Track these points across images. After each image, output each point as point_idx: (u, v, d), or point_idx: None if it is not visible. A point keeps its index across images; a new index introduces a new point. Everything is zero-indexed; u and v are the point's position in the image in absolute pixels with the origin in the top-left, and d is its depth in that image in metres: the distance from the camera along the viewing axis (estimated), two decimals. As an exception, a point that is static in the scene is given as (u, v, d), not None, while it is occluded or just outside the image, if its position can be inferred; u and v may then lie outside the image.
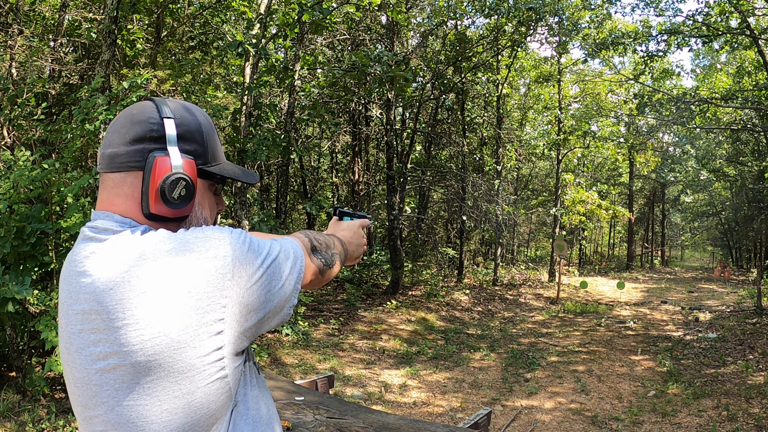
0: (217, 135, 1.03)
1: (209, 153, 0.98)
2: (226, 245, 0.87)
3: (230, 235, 0.89)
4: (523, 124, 20.46)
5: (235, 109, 8.48)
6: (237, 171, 1.03)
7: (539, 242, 27.55)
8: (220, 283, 0.84)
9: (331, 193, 18.47)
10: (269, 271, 0.91)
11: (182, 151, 0.93)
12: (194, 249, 0.85)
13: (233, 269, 0.86)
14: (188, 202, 0.92)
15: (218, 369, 0.85)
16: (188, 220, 0.97)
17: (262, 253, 0.91)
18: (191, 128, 0.96)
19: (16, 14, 7.33)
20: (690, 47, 12.21)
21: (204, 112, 1.02)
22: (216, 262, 0.85)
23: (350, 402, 3.10)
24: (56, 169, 4.83)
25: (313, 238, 1.16)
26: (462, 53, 11.62)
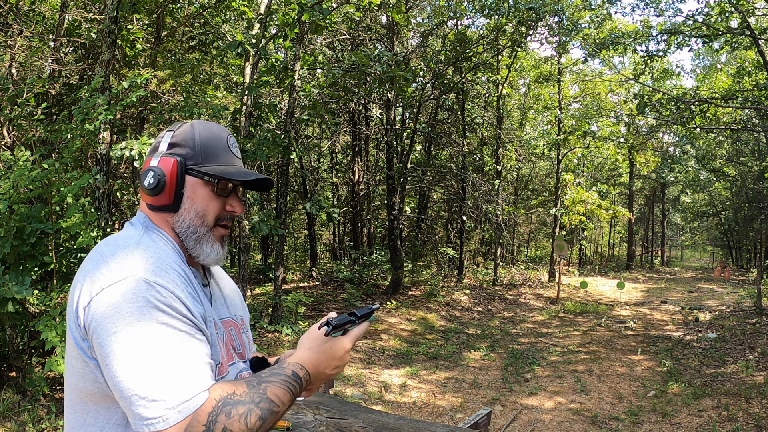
0: (227, 144, 1.17)
1: (200, 155, 1.13)
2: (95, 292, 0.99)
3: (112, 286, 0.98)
4: (523, 124, 20.46)
5: (235, 109, 8.48)
6: (231, 170, 1.13)
7: (539, 242, 27.54)
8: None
9: (331, 193, 18.47)
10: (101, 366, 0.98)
11: (173, 154, 1.12)
12: (90, 263, 1.03)
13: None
14: (159, 190, 1.10)
15: (84, 352, 0.99)
16: (179, 212, 1.12)
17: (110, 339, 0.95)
18: (186, 137, 1.14)
19: (16, 14, 7.34)
20: (690, 47, 12.21)
21: (214, 127, 1.18)
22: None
23: (350, 402, 3.10)
24: (56, 169, 4.83)
25: (227, 428, 0.94)
26: (462, 53, 11.62)
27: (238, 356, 1.20)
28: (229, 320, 1.24)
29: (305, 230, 17.18)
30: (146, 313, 0.94)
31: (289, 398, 1.02)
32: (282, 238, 8.77)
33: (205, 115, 6.42)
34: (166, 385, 0.91)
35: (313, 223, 15.48)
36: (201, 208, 1.13)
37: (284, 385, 1.03)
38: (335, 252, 17.87)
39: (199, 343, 1.00)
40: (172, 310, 0.97)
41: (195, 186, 1.13)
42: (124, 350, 0.92)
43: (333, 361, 1.10)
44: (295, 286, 12.43)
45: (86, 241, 4.63)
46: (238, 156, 1.20)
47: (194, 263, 1.18)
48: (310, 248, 15.67)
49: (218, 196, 1.14)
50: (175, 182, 1.11)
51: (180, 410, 0.91)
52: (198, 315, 1.03)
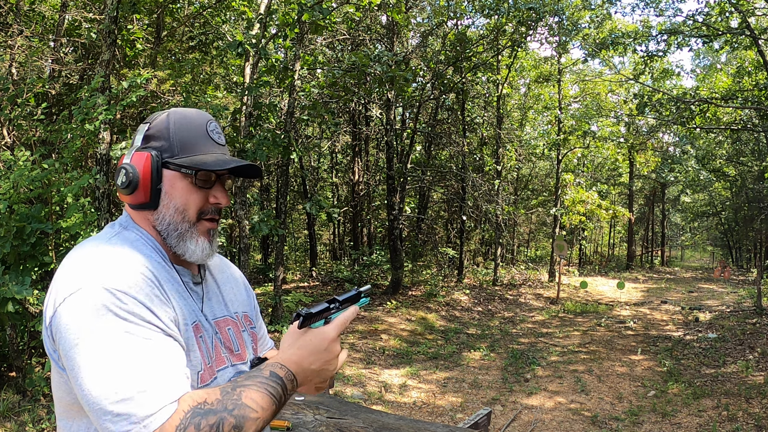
0: (207, 131, 1.10)
1: (177, 146, 1.06)
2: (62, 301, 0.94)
3: (72, 297, 0.92)
4: (523, 124, 20.46)
5: (235, 109, 8.48)
6: (209, 159, 1.06)
7: (539, 242, 27.54)
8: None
9: (331, 193, 18.48)
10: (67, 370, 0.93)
11: (148, 148, 1.07)
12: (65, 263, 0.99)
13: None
14: (133, 187, 1.05)
15: (56, 362, 0.97)
16: (158, 209, 1.07)
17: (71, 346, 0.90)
18: (161, 128, 1.08)
19: (16, 14, 7.34)
20: (690, 47, 12.22)
21: (191, 113, 1.10)
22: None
23: (350, 402, 3.10)
24: (56, 169, 4.84)
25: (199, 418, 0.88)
26: (462, 53, 11.62)
27: (236, 358, 1.14)
28: (226, 319, 1.17)
29: (305, 230, 17.18)
30: (107, 323, 0.89)
31: (269, 402, 0.94)
32: (282, 238, 8.77)
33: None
34: (131, 399, 0.86)
35: (313, 223, 15.48)
36: (181, 203, 1.06)
37: (261, 388, 0.94)
38: (335, 252, 17.87)
39: (167, 349, 0.92)
40: (135, 317, 0.91)
41: (173, 180, 1.06)
42: (87, 362, 0.87)
43: (318, 354, 1.00)
44: (295, 286, 12.43)
45: (86, 241, 4.62)
46: (220, 142, 1.11)
47: (184, 261, 1.11)
48: (310, 248, 15.68)
49: (199, 189, 1.07)
50: (150, 178, 1.04)
51: (146, 425, 0.85)
52: (168, 319, 0.96)
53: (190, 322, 1.04)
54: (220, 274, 1.25)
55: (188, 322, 1.03)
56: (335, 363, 1.03)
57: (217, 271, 1.24)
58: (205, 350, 1.06)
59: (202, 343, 1.05)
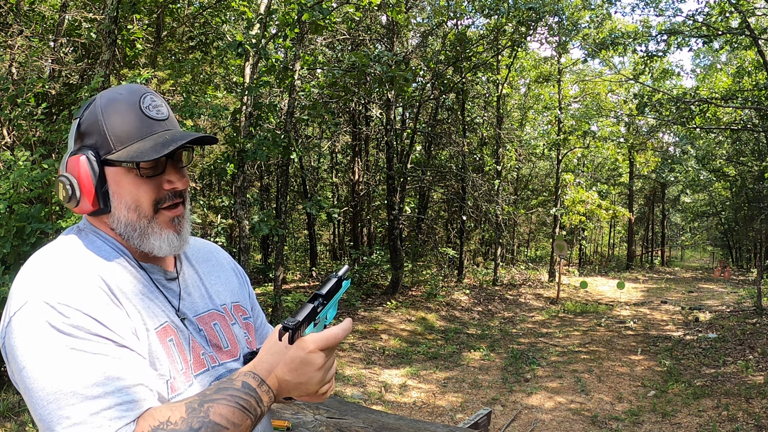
0: (140, 108, 0.96)
1: (111, 139, 0.94)
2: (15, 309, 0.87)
3: (25, 308, 0.85)
4: (523, 124, 20.46)
5: (235, 109, 8.48)
6: (146, 147, 0.93)
7: (539, 242, 27.54)
8: None
9: (331, 193, 18.48)
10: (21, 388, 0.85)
11: (84, 147, 0.95)
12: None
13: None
14: (78, 200, 0.94)
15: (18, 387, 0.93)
16: (112, 211, 0.96)
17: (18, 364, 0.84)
18: (90, 121, 0.95)
19: (16, 14, 7.34)
20: (690, 47, 12.22)
21: (118, 92, 0.97)
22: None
23: (350, 402, 3.10)
24: (56, 169, 4.84)
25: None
26: (462, 53, 11.62)
27: (225, 355, 1.04)
28: (212, 313, 1.07)
29: (305, 230, 17.18)
30: (50, 341, 0.81)
31: (241, 416, 0.84)
32: (282, 238, 8.77)
33: (205, 114, 6.41)
34: (84, 423, 0.78)
35: (313, 223, 15.48)
36: (131, 200, 0.95)
37: (232, 402, 0.84)
38: (335, 252, 17.87)
39: (120, 363, 0.83)
40: (81, 331, 0.82)
41: (117, 177, 0.94)
42: (35, 386, 0.80)
43: (293, 365, 0.88)
44: (295, 286, 12.43)
45: (86, 241, 4.62)
46: (160, 117, 0.97)
47: (157, 258, 1.02)
48: (310, 248, 15.68)
49: (148, 179, 0.95)
50: (92, 183, 0.93)
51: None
52: (122, 328, 0.87)
53: (155, 327, 0.94)
54: (203, 264, 1.14)
55: (150, 327, 0.93)
56: (317, 375, 0.89)
57: (199, 261, 1.13)
58: (177, 355, 0.95)
59: (172, 347, 0.95)
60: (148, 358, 0.90)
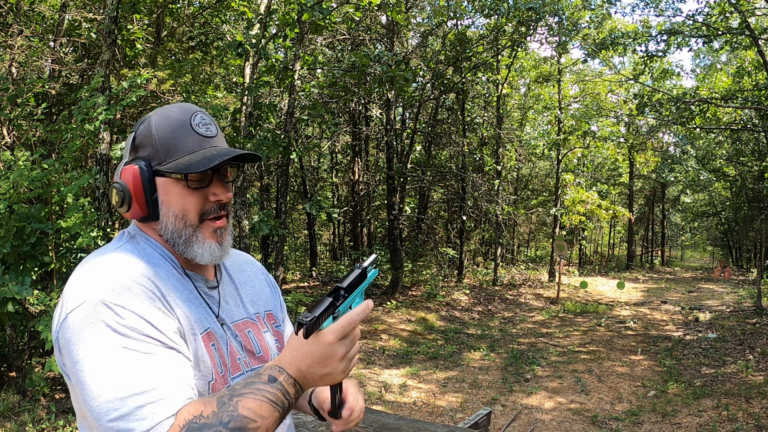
0: (191, 125, 1.04)
1: (162, 152, 1.02)
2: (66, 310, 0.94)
3: (77, 308, 0.92)
4: (523, 124, 20.46)
5: (235, 109, 8.48)
6: (195, 160, 1.01)
7: (539, 242, 27.54)
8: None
9: (331, 193, 18.48)
10: (73, 381, 0.92)
11: (138, 159, 1.04)
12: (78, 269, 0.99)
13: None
14: (128, 205, 1.03)
15: (70, 381, 0.97)
16: (160, 219, 1.04)
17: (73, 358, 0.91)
18: (144, 134, 1.04)
19: (16, 14, 7.34)
20: (690, 47, 12.22)
21: (171, 110, 1.05)
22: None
23: (350, 402, 3.10)
24: (56, 169, 4.84)
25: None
26: (462, 53, 11.62)
27: (257, 360, 1.11)
28: (246, 321, 1.14)
29: (305, 230, 17.18)
30: (105, 339, 0.88)
31: (269, 409, 0.88)
32: (282, 238, 8.77)
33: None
34: (129, 415, 0.85)
35: (313, 223, 15.48)
36: (179, 209, 1.03)
37: (259, 396, 0.88)
38: (335, 252, 17.87)
39: (167, 363, 0.90)
40: (134, 332, 0.89)
41: (167, 187, 1.03)
42: (88, 379, 0.87)
43: (315, 358, 0.91)
44: (295, 286, 12.43)
45: (86, 241, 4.63)
46: (208, 135, 1.05)
47: (200, 267, 1.10)
48: (310, 248, 15.68)
49: (195, 190, 1.03)
50: (143, 191, 1.01)
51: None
52: (170, 331, 0.94)
53: (200, 331, 1.02)
54: (239, 274, 1.22)
55: (197, 331, 1.01)
56: (341, 366, 0.92)
57: (236, 272, 1.22)
58: (218, 359, 1.03)
59: (214, 352, 1.03)
60: (193, 360, 0.98)
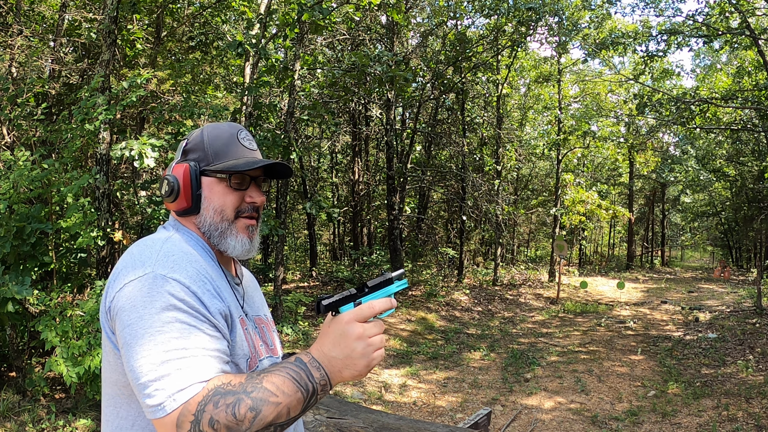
0: (238, 138, 1.21)
1: (211, 155, 1.18)
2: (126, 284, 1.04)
3: (135, 281, 1.02)
4: (523, 124, 20.46)
5: (235, 109, 8.47)
6: (240, 163, 1.17)
7: (539, 242, 27.54)
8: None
9: (331, 193, 18.47)
10: (122, 342, 1.01)
11: (187, 160, 1.19)
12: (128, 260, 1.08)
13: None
14: (175, 195, 1.17)
15: (113, 342, 1.06)
16: (200, 212, 1.18)
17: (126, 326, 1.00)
18: (196, 141, 1.21)
19: (16, 14, 7.34)
20: (690, 47, 12.21)
21: (223, 125, 1.23)
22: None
23: (350, 402, 3.10)
24: (56, 169, 4.84)
25: (213, 419, 0.93)
26: (462, 53, 11.61)
27: (270, 351, 1.25)
28: (260, 318, 1.30)
29: (305, 230, 17.18)
30: (158, 306, 0.98)
31: (292, 387, 0.96)
32: (282, 238, 8.77)
33: (206, 115, 6.43)
34: (168, 375, 0.95)
35: (313, 223, 15.48)
36: (218, 205, 1.17)
37: (284, 373, 0.98)
38: (335, 252, 17.87)
39: (208, 337, 1.00)
40: (184, 304, 1.00)
41: (211, 185, 1.18)
42: (136, 341, 0.97)
43: (336, 339, 0.99)
44: (295, 286, 12.43)
45: (86, 241, 4.63)
46: (251, 147, 1.22)
47: (227, 264, 1.24)
48: (310, 248, 15.68)
49: (235, 191, 1.18)
50: (190, 185, 1.16)
51: (175, 399, 0.94)
52: (216, 311, 1.05)
53: (237, 316, 1.15)
54: (250, 281, 1.39)
55: (236, 316, 1.14)
56: (358, 346, 0.99)
57: (248, 279, 1.39)
58: (251, 341, 1.17)
59: (248, 335, 1.17)
60: (235, 340, 1.10)
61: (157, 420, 0.95)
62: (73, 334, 4.24)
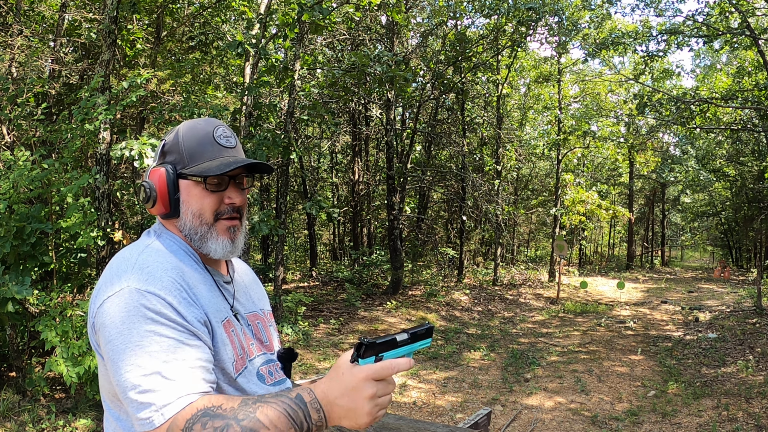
0: (213, 138, 1.17)
1: (186, 157, 1.15)
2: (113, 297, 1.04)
3: (120, 294, 1.02)
4: (523, 124, 20.46)
5: (235, 109, 8.47)
6: (213, 165, 1.14)
7: (539, 242, 27.54)
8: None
9: (331, 193, 18.48)
10: (107, 358, 1.02)
11: (165, 163, 1.17)
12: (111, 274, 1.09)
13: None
14: (152, 201, 1.16)
15: (99, 353, 1.07)
16: (180, 217, 1.17)
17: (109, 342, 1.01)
18: (172, 142, 1.18)
19: (16, 14, 7.34)
20: (690, 47, 12.21)
21: (199, 124, 1.19)
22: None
23: (350, 402, 3.09)
24: (56, 169, 4.84)
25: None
26: (462, 53, 11.61)
27: (265, 348, 1.24)
28: (255, 314, 1.29)
29: (305, 230, 17.18)
30: (137, 322, 0.99)
31: (285, 423, 0.92)
32: (282, 238, 8.77)
33: (206, 115, 6.43)
34: (153, 390, 0.95)
35: (313, 223, 15.48)
36: (196, 209, 1.15)
37: (281, 407, 0.93)
38: (335, 252, 17.87)
39: (190, 348, 1.00)
40: (162, 317, 1.00)
41: (188, 188, 1.15)
42: (120, 357, 0.98)
43: (345, 390, 0.94)
44: (295, 286, 12.44)
45: (86, 241, 4.63)
46: (228, 145, 1.18)
47: (216, 263, 1.23)
48: (310, 248, 15.68)
49: (212, 193, 1.15)
50: (167, 191, 1.14)
51: (163, 413, 0.94)
52: (194, 319, 1.04)
53: (220, 320, 1.13)
54: (245, 276, 1.37)
55: (218, 319, 1.13)
56: (366, 406, 0.94)
57: (243, 274, 1.37)
58: (237, 343, 1.15)
59: (234, 337, 1.15)
60: (217, 345, 1.10)
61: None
62: (73, 334, 4.24)
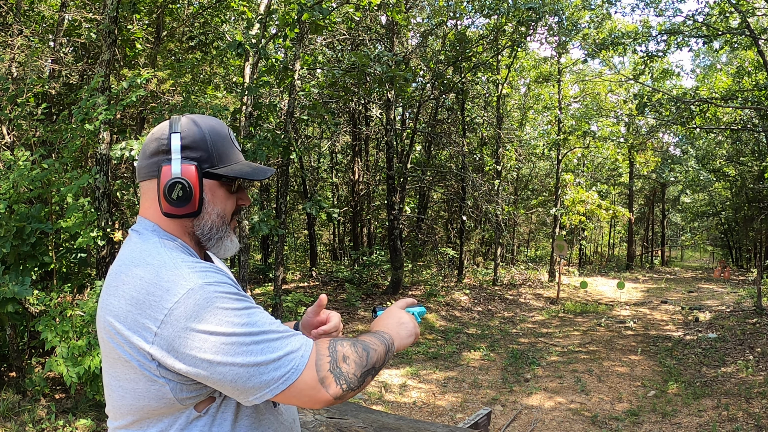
0: (231, 139, 1.19)
1: (215, 157, 1.14)
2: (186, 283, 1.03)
3: (200, 280, 1.02)
4: (523, 124, 20.46)
5: (235, 109, 8.47)
6: (246, 169, 1.16)
7: (539, 242, 27.54)
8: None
9: (331, 193, 18.47)
10: (219, 341, 0.99)
11: (188, 159, 1.11)
12: (147, 263, 1.05)
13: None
14: (187, 201, 1.10)
15: (152, 374, 1.00)
16: (200, 216, 1.14)
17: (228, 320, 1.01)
18: (196, 138, 1.13)
19: (16, 14, 7.34)
20: (690, 47, 12.21)
21: (214, 122, 1.18)
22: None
23: (350, 402, 3.10)
24: (56, 169, 4.84)
25: (345, 354, 1.08)
26: (462, 53, 11.62)
27: None
28: None
29: (305, 230, 17.19)
30: (223, 305, 1.00)
31: (380, 344, 1.16)
32: (282, 238, 8.77)
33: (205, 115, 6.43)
34: (280, 344, 1.01)
35: (313, 223, 15.48)
36: (221, 209, 1.16)
37: (369, 335, 1.17)
38: (335, 252, 17.88)
39: (265, 312, 1.08)
40: (239, 296, 1.04)
41: (213, 188, 1.15)
42: (225, 343, 0.98)
43: (393, 316, 1.31)
44: (295, 286, 12.43)
45: (86, 241, 4.63)
46: (239, 148, 1.22)
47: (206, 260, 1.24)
48: (310, 248, 15.68)
49: (232, 194, 1.19)
50: (200, 190, 1.12)
51: (303, 354, 1.02)
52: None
53: None
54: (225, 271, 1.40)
55: None
56: (410, 323, 1.30)
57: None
58: None
59: None
60: None
61: (292, 384, 1.00)
62: (73, 334, 4.24)
